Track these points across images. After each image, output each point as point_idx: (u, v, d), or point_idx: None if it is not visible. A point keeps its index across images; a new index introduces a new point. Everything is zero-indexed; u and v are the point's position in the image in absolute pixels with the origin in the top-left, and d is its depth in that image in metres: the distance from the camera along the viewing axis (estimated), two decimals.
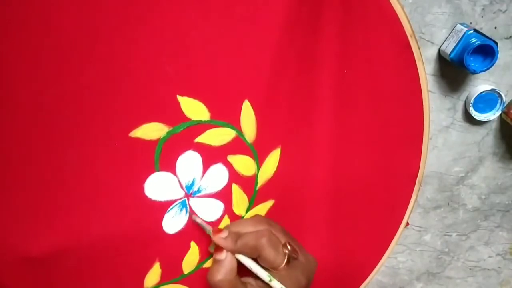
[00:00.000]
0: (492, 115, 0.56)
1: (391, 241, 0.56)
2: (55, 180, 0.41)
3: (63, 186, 0.41)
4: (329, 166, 0.50)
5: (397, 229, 0.55)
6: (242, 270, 0.43)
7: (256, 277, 0.43)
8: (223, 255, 0.42)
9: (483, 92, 0.54)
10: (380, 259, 0.56)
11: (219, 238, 0.42)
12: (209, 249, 0.47)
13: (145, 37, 0.40)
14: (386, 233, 0.55)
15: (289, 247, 0.42)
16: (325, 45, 0.46)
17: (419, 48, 0.48)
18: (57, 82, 0.39)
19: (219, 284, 0.41)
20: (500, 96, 0.55)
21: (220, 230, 0.43)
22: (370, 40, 0.47)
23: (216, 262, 0.42)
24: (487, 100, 0.55)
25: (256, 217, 0.46)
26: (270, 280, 0.41)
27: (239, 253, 0.42)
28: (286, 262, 0.41)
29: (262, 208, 0.48)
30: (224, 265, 0.41)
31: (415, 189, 0.54)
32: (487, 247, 0.66)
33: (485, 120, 0.56)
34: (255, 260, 0.43)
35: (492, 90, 0.54)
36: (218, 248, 0.42)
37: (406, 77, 0.49)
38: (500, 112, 0.55)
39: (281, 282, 0.41)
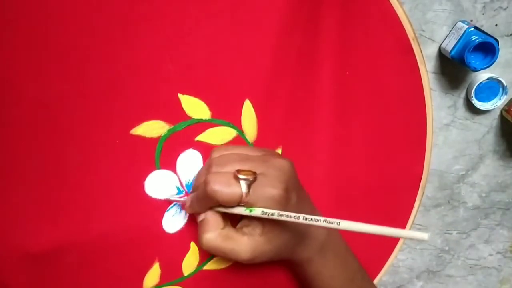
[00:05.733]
0: (499, 101, 0.56)
1: (397, 243, 0.55)
2: (55, 177, 0.41)
3: (64, 183, 0.41)
4: (331, 167, 0.50)
5: None
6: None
7: (248, 216, 0.40)
8: (201, 217, 0.40)
9: (482, 81, 0.54)
10: (385, 262, 0.55)
11: (187, 210, 0.42)
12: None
13: (147, 35, 0.40)
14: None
15: (240, 176, 0.37)
16: (327, 45, 0.46)
17: (421, 51, 0.48)
18: (59, 80, 0.39)
19: (209, 242, 0.39)
20: (500, 82, 0.55)
21: (184, 203, 0.43)
22: (371, 42, 0.47)
23: (199, 225, 0.41)
24: (488, 88, 0.55)
25: (207, 161, 0.43)
26: (250, 211, 0.38)
27: (206, 209, 0.40)
28: (246, 190, 0.37)
29: None
30: (207, 222, 0.40)
31: (418, 193, 0.54)
32: (487, 245, 0.66)
33: (492, 108, 0.56)
34: None
35: (490, 78, 0.54)
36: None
37: (408, 80, 0.49)
38: (505, 97, 0.55)
39: (256, 207, 0.38)
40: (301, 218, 0.37)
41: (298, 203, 0.40)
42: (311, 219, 0.36)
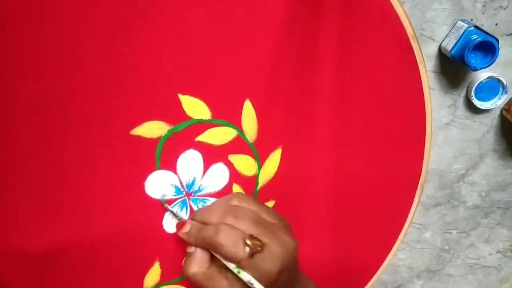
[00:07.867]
0: (499, 100, 0.55)
1: (395, 242, 0.55)
2: (56, 177, 0.41)
3: (64, 183, 0.41)
4: (331, 166, 0.50)
5: (401, 230, 0.55)
6: None
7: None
8: (192, 248, 0.42)
9: (482, 81, 0.54)
10: (384, 260, 0.55)
11: (181, 234, 0.43)
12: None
13: (147, 35, 0.40)
14: (389, 233, 0.55)
15: (249, 242, 0.39)
16: (327, 44, 0.46)
17: (421, 50, 0.48)
18: (59, 80, 0.39)
19: (193, 277, 0.41)
20: (500, 81, 0.54)
21: (183, 224, 0.43)
22: (371, 41, 0.47)
23: (188, 255, 0.42)
24: (488, 87, 0.55)
25: (224, 201, 0.43)
26: (238, 272, 0.39)
27: (201, 247, 0.41)
28: (249, 256, 0.39)
29: None
30: (195, 257, 0.41)
31: (417, 192, 0.54)
32: (487, 244, 0.66)
33: (493, 107, 0.56)
34: None
35: (490, 77, 0.54)
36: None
37: (408, 79, 0.49)
38: (505, 96, 0.55)
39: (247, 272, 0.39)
40: None
41: (285, 284, 0.42)
42: None
